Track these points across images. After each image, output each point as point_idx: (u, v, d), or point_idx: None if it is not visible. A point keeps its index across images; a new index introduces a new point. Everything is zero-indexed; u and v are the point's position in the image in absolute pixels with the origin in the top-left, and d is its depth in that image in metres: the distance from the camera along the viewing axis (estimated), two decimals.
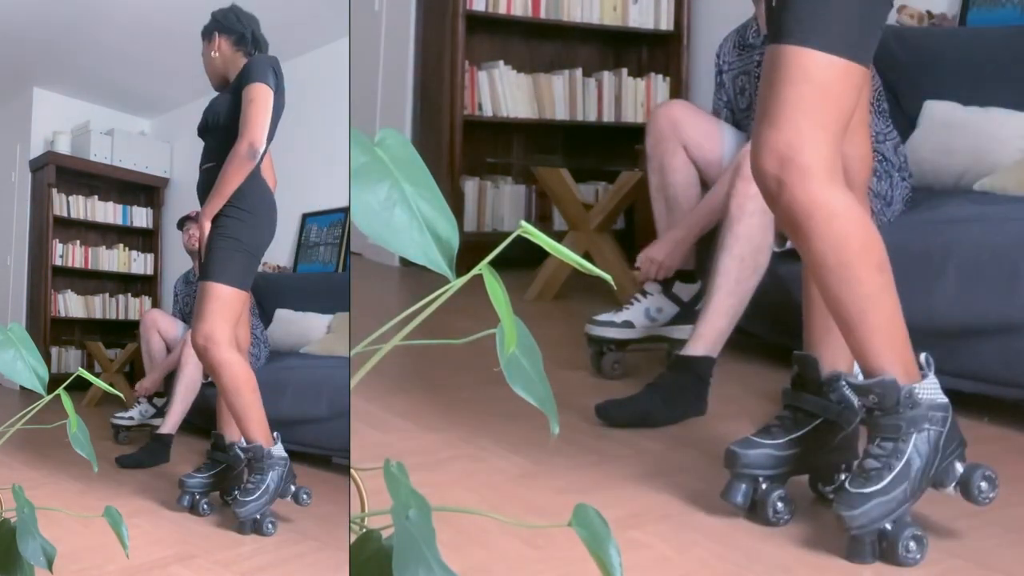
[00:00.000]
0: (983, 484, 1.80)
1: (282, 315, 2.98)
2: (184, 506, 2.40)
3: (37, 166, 3.13)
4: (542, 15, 5.21)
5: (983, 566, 1.76)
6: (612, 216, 4.19)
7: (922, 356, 1.81)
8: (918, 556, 1.74)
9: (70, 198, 3.20)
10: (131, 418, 2.85)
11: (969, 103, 3.27)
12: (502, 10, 5.10)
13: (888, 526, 1.73)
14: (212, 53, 2.51)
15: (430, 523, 0.93)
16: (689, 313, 2.94)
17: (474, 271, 0.92)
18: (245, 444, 2.37)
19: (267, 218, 2.46)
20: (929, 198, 3.04)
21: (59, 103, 3.12)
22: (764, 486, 1.89)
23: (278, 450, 2.37)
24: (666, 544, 1.82)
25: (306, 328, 2.93)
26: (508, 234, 1.05)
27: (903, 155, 3.00)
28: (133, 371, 3.17)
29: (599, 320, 2.97)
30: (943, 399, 1.80)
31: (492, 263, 0.91)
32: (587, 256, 4.04)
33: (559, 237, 4.23)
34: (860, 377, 1.84)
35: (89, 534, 1.91)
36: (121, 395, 2.82)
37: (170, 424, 2.79)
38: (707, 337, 2.62)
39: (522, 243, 0.97)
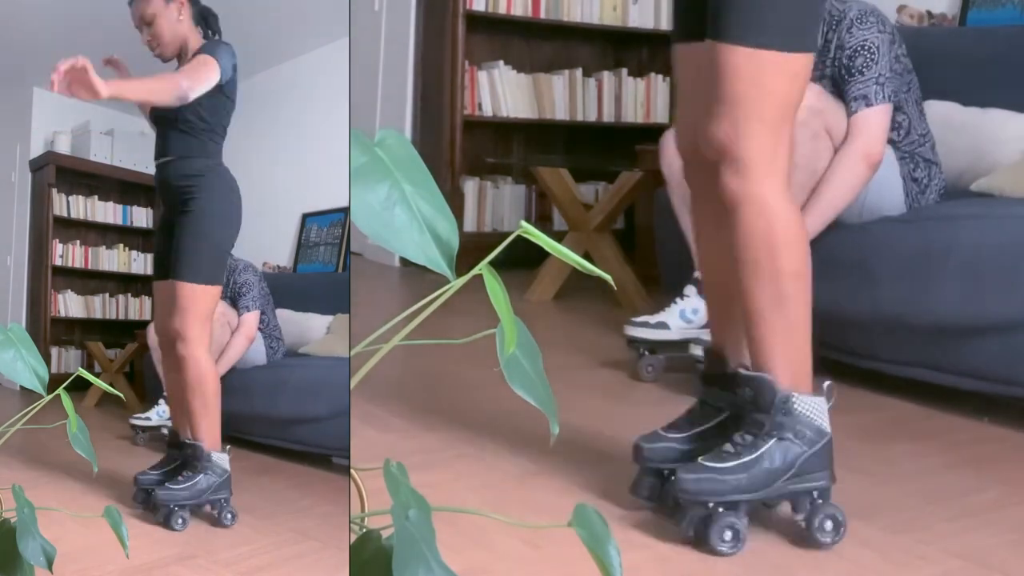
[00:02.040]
0: (828, 524, 1.78)
1: (282, 315, 2.98)
2: (138, 503, 2.37)
3: (37, 166, 3.13)
4: (542, 15, 5.21)
5: (983, 566, 1.76)
6: (612, 216, 4.19)
7: (826, 384, 1.83)
8: (734, 548, 1.75)
9: (70, 198, 3.20)
10: (148, 419, 2.84)
11: (969, 103, 3.27)
12: (502, 10, 5.10)
13: (713, 506, 1.75)
14: (178, 16, 2.38)
15: (430, 523, 0.92)
16: None
17: (474, 271, 0.92)
18: (190, 440, 2.39)
19: (231, 208, 2.45)
20: None
21: (59, 103, 3.11)
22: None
23: (220, 459, 2.39)
24: (666, 544, 1.82)
25: (306, 328, 2.92)
26: (508, 234, 1.05)
27: (936, 153, 2.98)
28: (133, 371, 3.17)
29: (636, 321, 2.94)
30: (823, 425, 1.80)
31: (492, 263, 0.91)
32: (587, 256, 4.04)
33: (559, 237, 4.23)
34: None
35: (89, 534, 1.91)
36: (121, 395, 2.81)
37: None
38: None
39: (522, 243, 0.97)
